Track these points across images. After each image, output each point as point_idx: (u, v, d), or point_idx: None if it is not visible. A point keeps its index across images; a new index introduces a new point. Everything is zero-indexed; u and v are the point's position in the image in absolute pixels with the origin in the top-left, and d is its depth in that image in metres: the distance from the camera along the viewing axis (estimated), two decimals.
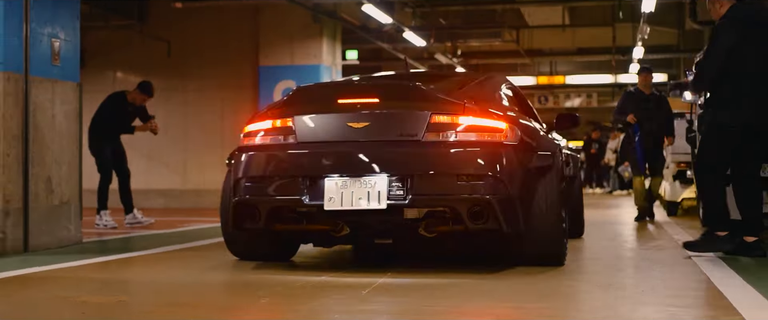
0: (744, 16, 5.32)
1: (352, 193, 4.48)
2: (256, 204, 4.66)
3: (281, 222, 4.74)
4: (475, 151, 4.52)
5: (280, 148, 4.71)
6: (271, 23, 12.96)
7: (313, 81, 12.64)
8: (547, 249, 4.87)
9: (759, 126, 5.33)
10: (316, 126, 4.72)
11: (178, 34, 13.56)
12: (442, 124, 4.58)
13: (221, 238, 5.61)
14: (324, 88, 5.45)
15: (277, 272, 4.87)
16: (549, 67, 21.38)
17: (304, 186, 4.59)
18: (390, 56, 18.15)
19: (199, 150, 13.51)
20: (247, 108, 13.31)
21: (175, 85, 13.63)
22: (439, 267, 4.89)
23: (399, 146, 4.57)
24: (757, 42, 5.31)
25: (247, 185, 4.72)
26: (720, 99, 5.36)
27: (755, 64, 5.30)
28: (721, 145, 5.38)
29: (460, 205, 4.46)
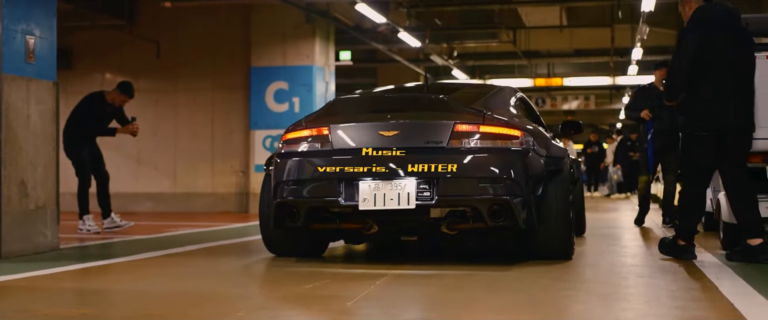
0: (710, 18, 5.22)
1: (384, 195, 4.96)
2: (296, 205, 5.13)
3: (318, 221, 5.25)
4: (494, 156, 5.04)
5: (318, 154, 5.19)
6: (263, 23, 12.69)
7: (306, 81, 12.39)
8: (557, 245, 5.37)
9: (733, 129, 5.23)
10: (350, 134, 5.21)
11: (168, 35, 13.30)
12: (465, 132, 5.10)
13: (205, 244, 6.12)
14: (357, 100, 5.81)
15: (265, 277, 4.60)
16: (546, 69, 21.10)
17: (340, 189, 5.06)
18: (385, 58, 17.90)
19: (189, 153, 13.23)
20: (238, 109, 13.06)
21: (165, 87, 13.36)
22: (454, 261, 5.42)
23: (427, 153, 5.04)
24: (723, 44, 5.20)
25: (287, 188, 5.18)
26: (691, 105, 5.26)
27: (723, 68, 5.19)
28: (700, 152, 5.27)
29: (481, 205, 4.98)
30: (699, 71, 5.19)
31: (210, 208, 12.98)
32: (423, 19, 16.39)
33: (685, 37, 5.23)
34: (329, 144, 5.19)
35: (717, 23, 5.24)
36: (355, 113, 5.38)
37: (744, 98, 5.30)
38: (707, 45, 5.17)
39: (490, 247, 6.21)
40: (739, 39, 5.30)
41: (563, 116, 32.78)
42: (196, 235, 8.22)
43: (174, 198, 13.19)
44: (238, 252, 6.57)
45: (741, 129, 5.30)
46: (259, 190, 12.45)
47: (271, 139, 12.54)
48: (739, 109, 5.26)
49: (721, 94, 5.20)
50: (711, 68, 5.18)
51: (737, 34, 5.30)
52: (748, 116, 5.32)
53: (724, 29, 5.25)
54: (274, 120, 12.52)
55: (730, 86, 5.22)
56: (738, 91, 5.26)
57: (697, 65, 5.17)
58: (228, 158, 13.10)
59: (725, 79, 5.21)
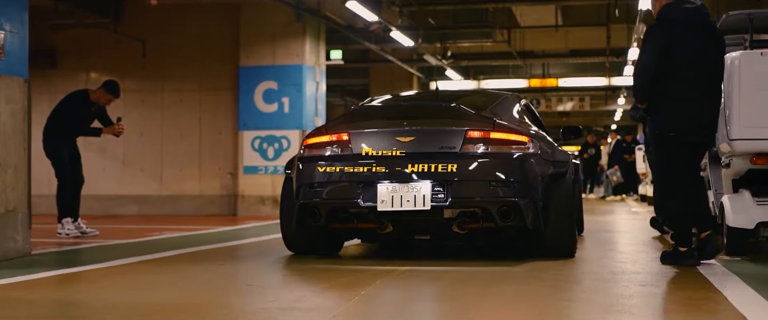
0: (674, 16, 5.07)
1: (401, 197, 5.28)
2: (318, 206, 5.45)
3: (338, 221, 5.56)
4: (503, 160, 5.37)
5: (339, 158, 5.49)
6: (251, 21, 12.39)
7: (296, 81, 12.10)
8: (561, 243, 5.67)
9: (702, 129, 5.13)
10: (369, 139, 5.50)
11: (154, 34, 13.00)
12: (476, 138, 5.42)
13: (188, 249, 5.96)
14: (375, 108, 6.14)
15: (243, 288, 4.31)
16: (541, 70, 20.83)
17: (359, 191, 5.38)
18: (378, 58, 17.62)
19: (176, 154, 12.92)
20: (226, 110, 12.76)
21: (152, 87, 13.05)
22: (464, 258, 5.84)
23: (441, 158, 5.35)
24: (690, 42, 5.04)
25: (309, 190, 5.49)
26: (656, 106, 5.13)
27: (688, 67, 5.04)
28: (671, 154, 5.15)
29: (492, 206, 5.30)
30: (666, 70, 5.04)
31: (198, 211, 12.67)
32: (416, 19, 16.12)
33: (651, 35, 5.08)
34: (349, 149, 5.51)
35: (684, 20, 5.08)
36: (374, 120, 5.73)
37: (712, 97, 5.18)
38: (673, 43, 5.02)
39: (497, 246, 6.50)
40: (708, 37, 5.14)
41: (558, 117, 32.56)
42: (179, 239, 7.92)
43: (160, 200, 12.88)
44: (221, 257, 6.27)
45: (709, 129, 5.19)
46: (247, 192, 12.33)
47: (260, 140, 12.24)
48: (707, 108, 5.13)
49: (689, 94, 5.06)
50: (678, 67, 5.03)
51: (706, 32, 5.14)
52: (714, 116, 5.21)
53: (692, 27, 5.08)
54: (263, 120, 12.22)
55: (698, 85, 5.08)
56: (707, 90, 5.13)
57: (664, 64, 5.02)
58: (216, 160, 12.79)
59: (693, 77, 5.06)
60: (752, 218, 5.71)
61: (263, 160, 12.20)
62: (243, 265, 5.77)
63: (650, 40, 5.07)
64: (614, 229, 9.18)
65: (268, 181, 12.17)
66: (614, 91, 25.39)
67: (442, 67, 18.21)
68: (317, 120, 12.44)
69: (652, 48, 5.04)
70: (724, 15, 6.50)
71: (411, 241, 6.80)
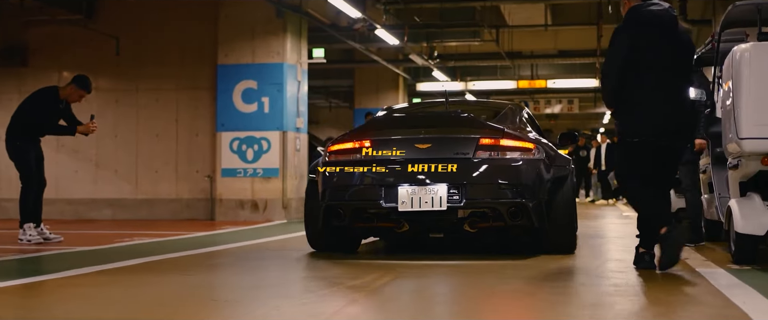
0: (639, 19, 4.97)
1: (419, 198, 5.71)
2: (342, 207, 5.89)
3: (360, 221, 5.97)
4: (512, 165, 5.82)
5: (362, 163, 5.91)
6: (230, 18, 11.91)
7: (276, 80, 11.63)
8: (563, 240, 6.18)
9: (660, 137, 4.96)
10: (389, 146, 5.94)
11: (128, 30, 12.51)
12: (488, 145, 5.85)
13: (156, 257, 5.79)
14: (394, 118, 6.75)
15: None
16: (530, 71, 20.41)
17: (381, 193, 5.81)
18: (363, 58, 17.17)
19: (152, 156, 12.42)
20: (204, 110, 12.28)
21: (126, 86, 12.55)
22: (474, 254, 6.23)
23: (456, 163, 5.80)
24: (652, 46, 4.92)
25: (335, 192, 5.92)
26: (621, 110, 5.02)
27: (652, 71, 4.92)
28: (634, 158, 5.05)
29: (502, 207, 5.76)
30: (631, 73, 4.91)
31: (174, 215, 12.17)
32: (401, 18, 15.69)
33: (616, 38, 4.98)
34: (371, 154, 5.94)
35: (649, 23, 4.95)
36: (393, 128, 6.23)
37: (679, 101, 5.01)
38: (638, 46, 4.90)
39: (504, 243, 7.06)
40: (674, 40, 4.99)
41: (547, 120, 32.21)
42: (149, 246, 7.43)
43: (135, 204, 12.36)
44: (190, 266, 5.79)
45: (675, 132, 5.01)
46: (225, 196, 11.83)
47: (239, 141, 11.75)
48: (673, 112, 4.96)
49: (653, 98, 4.92)
50: (642, 70, 4.91)
51: (672, 35, 5.00)
52: (682, 120, 5.03)
53: (657, 29, 4.95)
54: (242, 121, 11.72)
55: (663, 89, 4.93)
56: (672, 94, 4.97)
57: (630, 67, 4.90)
58: (193, 162, 12.30)
59: (657, 81, 4.92)
60: (763, 224, 5.28)
61: (242, 163, 11.71)
62: (212, 275, 5.30)
63: (615, 43, 4.98)
64: (606, 234, 8.74)
65: (247, 184, 11.68)
66: None
67: (429, 67, 17.76)
68: (299, 121, 11.96)
69: (616, 51, 4.95)
70: (730, 6, 6.12)
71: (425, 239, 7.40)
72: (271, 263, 5.90)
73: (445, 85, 19.94)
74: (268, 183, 11.64)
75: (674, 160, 5.18)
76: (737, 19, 6.35)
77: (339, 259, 5.97)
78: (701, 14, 14.51)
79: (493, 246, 6.82)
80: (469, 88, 20.27)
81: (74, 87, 7.93)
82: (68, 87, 7.96)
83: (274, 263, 5.92)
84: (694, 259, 5.85)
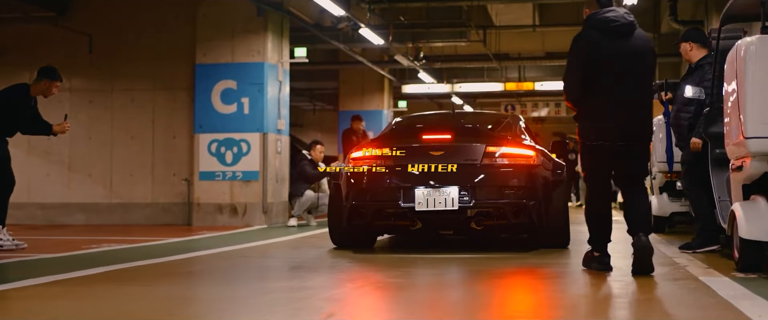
0: (595, 25, 5.02)
1: (434, 199, 6.42)
2: (365, 207, 6.61)
3: (380, 219, 6.67)
4: (515, 170, 6.57)
5: (383, 168, 6.65)
6: (209, 16, 11.49)
7: (256, 80, 11.25)
8: (558, 237, 6.95)
9: (617, 140, 5.02)
10: (407, 153, 6.69)
11: (103, 28, 12.07)
12: (493, 153, 6.63)
13: (120, 265, 5.61)
14: (410, 128, 7.60)
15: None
16: (517, 73, 20.05)
17: (400, 194, 6.53)
18: (348, 59, 16.80)
19: (127, 159, 11.98)
20: (182, 111, 11.87)
21: (101, 86, 12.10)
22: (480, 249, 7.00)
23: (466, 168, 6.53)
24: (609, 51, 4.97)
25: (358, 194, 6.65)
26: (580, 114, 5.11)
27: (610, 75, 4.98)
28: (593, 162, 5.14)
29: (506, 207, 6.47)
30: (590, 78, 4.98)
31: (150, 220, 11.73)
32: (386, 18, 15.32)
33: (575, 44, 5.07)
34: (392, 159, 6.66)
35: (606, 28, 4.99)
36: (410, 137, 7.10)
37: (637, 104, 5.07)
38: (595, 51, 4.96)
39: (505, 239, 7.88)
40: (632, 44, 5.04)
41: (533, 123, 31.89)
42: (117, 253, 7.02)
43: (109, 209, 11.91)
44: (156, 275, 5.39)
45: (633, 135, 5.07)
46: (203, 200, 11.40)
47: (217, 143, 11.32)
48: (630, 115, 5.03)
49: (610, 102, 4.99)
50: (598, 76, 4.97)
51: (630, 39, 5.04)
52: (636, 126, 5.08)
53: (614, 34, 4.99)
54: (221, 122, 11.30)
55: (620, 93, 4.99)
56: (631, 98, 5.02)
57: (587, 73, 4.97)
58: (170, 165, 11.86)
59: (615, 85, 4.98)
60: None
61: (221, 165, 11.29)
62: (178, 286, 4.90)
63: (573, 49, 5.07)
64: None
65: (226, 188, 11.26)
66: None
67: (415, 69, 17.40)
68: (280, 122, 11.56)
69: (574, 56, 5.04)
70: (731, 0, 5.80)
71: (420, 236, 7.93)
72: (247, 272, 5.52)
73: (431, 87, 19.60)
74: (248, 187, 11.23)
75: (635, 157, 5.15)
76: (739, 13, 6.03)
77: (325, 266, 5.87)
78: (692, 15, 14.21)
79: (492, 244, 7.53)
80: (456, 90, 19.90)
81: (47, 80, 7.57)
82: (42, 82, 7.59)
83: (251, 272, 5.55)
84: (695, 266, 5.51)
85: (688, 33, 6.74)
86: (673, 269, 5.46)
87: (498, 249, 6.93)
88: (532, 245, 7.05)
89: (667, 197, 9.01)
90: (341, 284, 4.78)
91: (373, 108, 18.15)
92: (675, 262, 5.84)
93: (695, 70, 6.62)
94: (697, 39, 6.62)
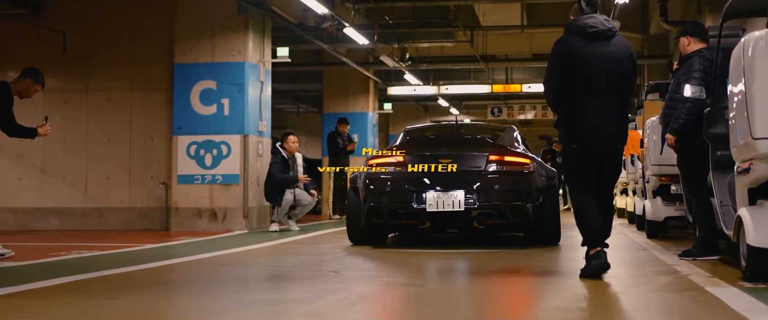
0: (573, 31, 5.11)
1: (443, 201, 7.25)
2: (382, 208, 7.43)
3: (394, 219, 7.53)
4: (514, 176, 7.42)
5: (397, 174, 7.53)
6: (189, 14, 11.12)
7: (237, 80, 10.89)
8: (551, 235, 7.77)
9: (596, 144, 5.08)
10: (419, 160, 7.50)
11: (78, 27, 11.68)
12: (495, 160, 7.50)
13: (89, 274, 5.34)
14: (421, 138, 8.77)
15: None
16: (504, 74, 19.72)
17: (412, 197, 7.34)
18: (332, 60, 16.46)
19: (103, 161, 11.58)
20: (160, 112, 11.49)
21: (76, 86, 11.70)
22: (482, 246, 7.82)
23: (470, 174, 7.40)
24: (588, 56, 5.04)
25: (375, 196, 7.46)
26: (560, 119, 5.19)
27: (589, 80, 5.04)
28: (574, 165, 5.21)
29: (507, 208, 7.33)
30: (569, 83, 5.06)
31: (126, 225, 11.33)
32: (372, 18, 15.00)
33: (554, 49, 5.15)
34: (404, 166, 7.56)
35: (584, 33, 5.06)
36: (422, 146, 8.12)
37: (616, 108, 5.14)
38: (574, 56, 5.03)
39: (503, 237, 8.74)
40: (610, 49, 5.09)
41: (520, 126, 31.64)
42: (86, 261, 6.65)
43: (84, 213, 11.50)
44: (125, 285, 5.02)
45: (608, 140, 5.13)
46: (182, 204, 11.02)
47: (197, 145, 10.94)
48: (603, 124, 5.09)
49: (590, 106, 5.05)
50: (576, 82, 5.05)
51: (608, 44, 5.09)
52: (616, 128, 5.15)
53: (592, 39, 5.06)
54: (200, 124, 10.91)
55: (599, 97, 5.06)
56: (610, 102, 5.09)
57: (566, 78, 5.06)
58: (147, 168, 11.47)
59: (594, 89, 5.04)
60: None
61: (200, 168, 10.91)
62: (147, 298, 4.54)
63: (553, 53, 5.15)
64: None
65: (205, 192, 10.87)
66: None
67: (401, 70, 17.07)
68: (261, 124, 11.19)
69: (553, 61, 5.11)
70: None
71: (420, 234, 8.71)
72: (223, 282, 5.17)
73: (417, 89, 19.29)
74: (228, 191, 10.85)
75: (610, 165, 5.21)
76: (742, 9, 5.75)
77: (306, 276, 5.44)
78: (682, 15, 13.96)
79: (494, 238, 8.44)
80: (442, 92, 19.59)
81: (31, 81, 7.22)
82: (23, 81, 7.22)
83: (227, 283, 5.20)
84: (698, 275, 5.19)
85: (688, 27, 6.46)
86: (675, 278, 5.14)
87: (496, 246, 7.77)
88: (528, 242, 7.93)
89: (661, 201, 8.71)
90: (322, 296, 4.44)
91: (358, 110, 17.78)
92: (676, 271, 5.53)
93: (683, 63, 6.33)
94: (695, 33, 6.33)
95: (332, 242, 8.64)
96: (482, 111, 26.54)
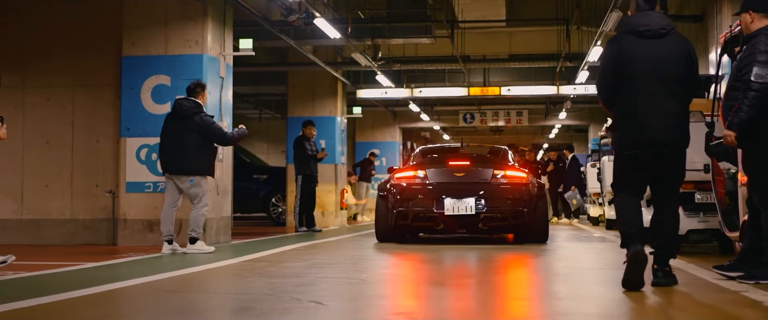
0: (627, 29, 5.00)
1: (458, 206, 9.37)
2: (408, 212, 9.53)
3: (417, 221, 9.63)
4: (514, 187, 9.59)
5: (421, 184, 9.65)
6: (139, 1, 9.85)
7: (194, 75, 9.60)
8: (540, 235, 9.73)
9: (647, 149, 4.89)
10: (438, 173, 9.71)
11: (13, 13, 10.36)
12: (499, 175, 9.68)
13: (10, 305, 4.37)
14: (437, 156, 10.79)
15: None
16: (482, 76, 18.66)
17: (433, 203, 9.44)
18: (298, 59, 15.26)
19: (41, 167, 10.25)
20: (106, 112, 10.21)
21: (10, 82, 10.32)
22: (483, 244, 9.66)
23: (479, 185, 9.56)
24: (638, 56, 4.89)
25: (402, 202, 9.53)
26: (615, 122, 5.06)
27: (640, 81, 4.90)
28: (626, 169, 5.02)
29: (509, 213, 9.44)
30: (621, 83, 4.95)
31: (67, 239, 10.01)
32: (343, 12, 13.83)
33: (607, 47, 5.06)
34: (426, 178, 9.62)
35: (634, 32, 4.92)
36: (441, 162, 10.08)
37: (666, 112, 4.90)
38: (625, 56, 4.92)
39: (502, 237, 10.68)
40: (663, 48, 4.89)
41: (491, 134, 30.73)
42: (10, 286, 5.41)
43: (20, 226, 10.14)
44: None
45: (664, 144, 4.90)
46: (130, 215, 9.61)
47: (148, 149, 9.64)
48: (659, 125, 4.88)
49: (641, 109, 4.90)
50: (630, 81, 4.92)
51: (661, 44, 4.89)
52: (675, 130, 4.92)
53: (645, 39, 4.89)
54: (151, 125, 9.59)
55: (651, 99, 4.89)
56: (663, 104, 4.89)
57: (619, 78, 4.95)
58: (92, 174, 10.16)
59: (646, 91, 4.89)
60: None
61: (152, 175, 9.60)
62: None
63: (605, 51, 5.08)
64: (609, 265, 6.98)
65: (157, 202, 9.55)
66: (555, 105, 23.54)
67: (372, 70, 15.90)
68: (222, 124, 9.91)
69: (605, 61, 5.05)
70: None
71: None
72: (173, 319, 3.93)
73: (388, 92, 18.16)
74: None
75: (667, 170, 4.96)
76: None
77: (277, 309, 4.22)
78: (677, 10, 13.04)
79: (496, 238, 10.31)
80: (415, 95, 18.47)
81: None
82: None
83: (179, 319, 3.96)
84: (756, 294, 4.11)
85: (749, 2, 5.40)
86: (750, 309, 4.03)
87: (495, 244, 9.52)
88: (520, 241, 9.75)
89: (683, 212, 7.70)
90: None
91: (326, 114, 16.55)
92: (744, 297, 4.43)
93: (746, 42, 5.29)
94: (760, 8, 5.29)
95: (303, 259, 7.44)
96: (454, 117, 25.49)
